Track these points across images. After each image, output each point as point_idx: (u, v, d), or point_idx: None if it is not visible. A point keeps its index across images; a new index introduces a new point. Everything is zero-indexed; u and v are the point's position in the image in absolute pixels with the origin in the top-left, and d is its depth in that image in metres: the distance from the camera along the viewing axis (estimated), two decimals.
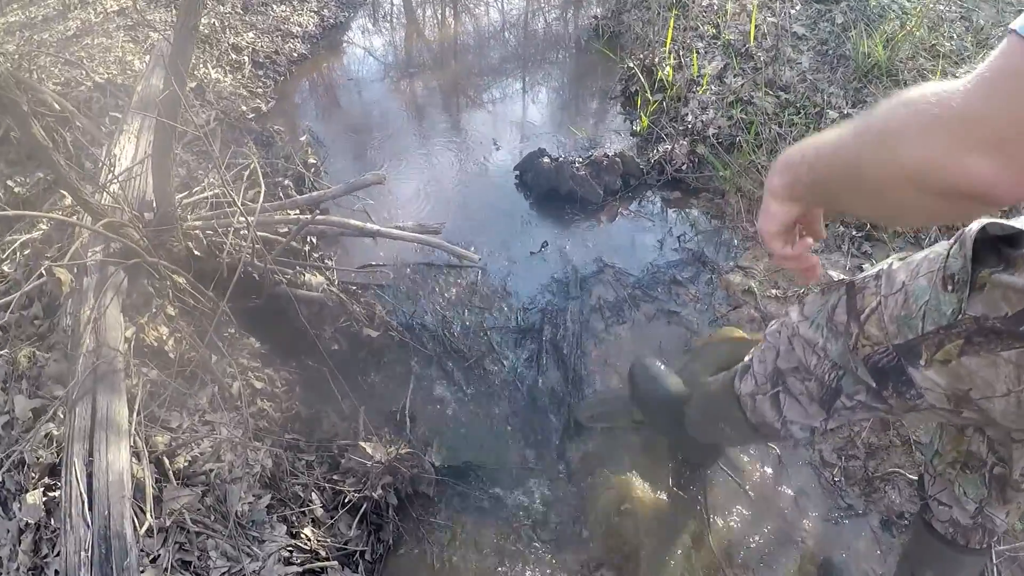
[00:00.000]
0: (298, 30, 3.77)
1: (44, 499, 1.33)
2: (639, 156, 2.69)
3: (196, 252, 1.73)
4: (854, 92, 2.56)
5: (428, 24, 4.24)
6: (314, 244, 2.33)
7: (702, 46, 3.03)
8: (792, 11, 3.06)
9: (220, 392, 1.62)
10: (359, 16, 4.20)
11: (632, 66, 3.09)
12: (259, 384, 1.74)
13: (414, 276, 2.28)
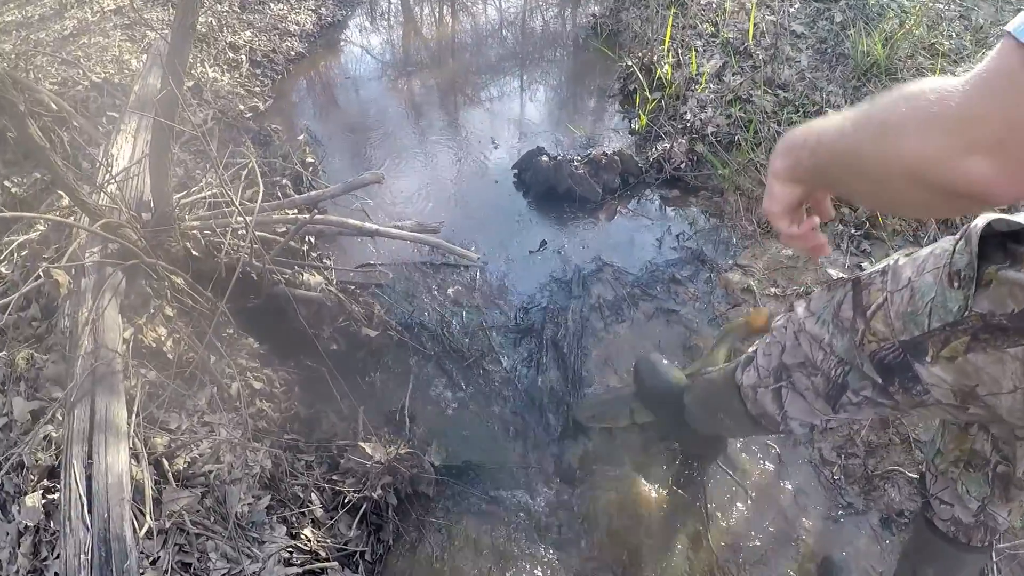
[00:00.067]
0: (295, 29, 3.76)
1: (43, 501, 1.32)
2: (638, 154, 2.69)
3: (194, 252, 1.73)
4: (853, 90, 2.56)
5: (426, 22, 4.23)
6: (312, 244, 2.32)
7: (701, 44, 3.03)
8: (791, 9, 3.06)
9: (219, 393, 1.62)
10: (357, 14, 4.18)
11: (630, 64, 3.09)
12: (258, 384, 1.74)
13: (413, 275, 2.28)
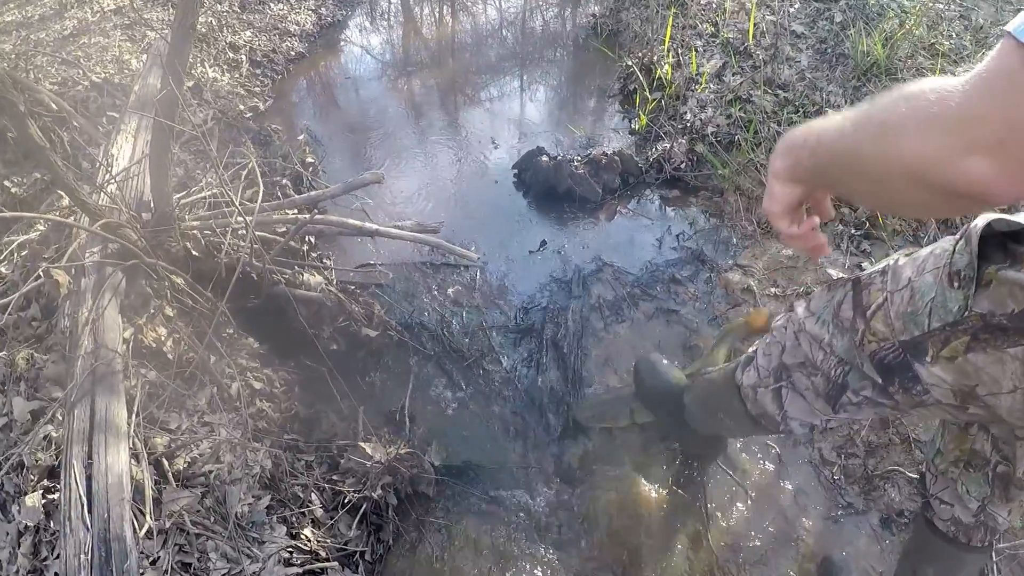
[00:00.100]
0: (295, 28, 3.76)
1: (43, 501, 1.32)
2: (638, 154, 2.69)
3: (194, 252, 1.73)
4: (853, 90, 2.56)
5: (426, 22, 4.23)
6: (312, 244, 2.32)
7: (701, 44, 3.02)
8: (791, 9, 3.06)
9: (219, 393, 1.62)
10: (357, 14, 4.18)
11: (630, 64, 3.09)
12: (258, 384, 1.74)
13: (413, 275, 2.28)
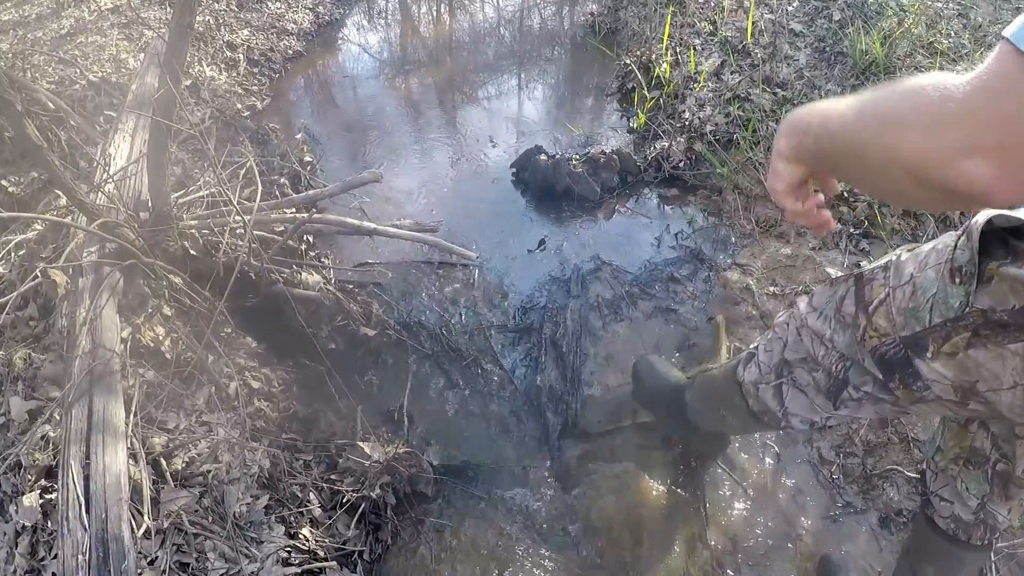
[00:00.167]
0: (293, 27, 3.75)
1: (41, 502, 1.31)
2: (636, 153, 2.69)
3: (192, 252, 1.72)
4: (851, 89, 2.55)
5: (423, 21, 4.22)
6: (311, 243, 2.32)
7: (699, 43, 3.02)
8: (789, 8, 3.06)
9: (217, 392, 1.61)
10: (354, 13, 4.17)
11: (629, 63, 3.09)
12: (256, 384, 1.74)
13: (411, 274, 2.27)
